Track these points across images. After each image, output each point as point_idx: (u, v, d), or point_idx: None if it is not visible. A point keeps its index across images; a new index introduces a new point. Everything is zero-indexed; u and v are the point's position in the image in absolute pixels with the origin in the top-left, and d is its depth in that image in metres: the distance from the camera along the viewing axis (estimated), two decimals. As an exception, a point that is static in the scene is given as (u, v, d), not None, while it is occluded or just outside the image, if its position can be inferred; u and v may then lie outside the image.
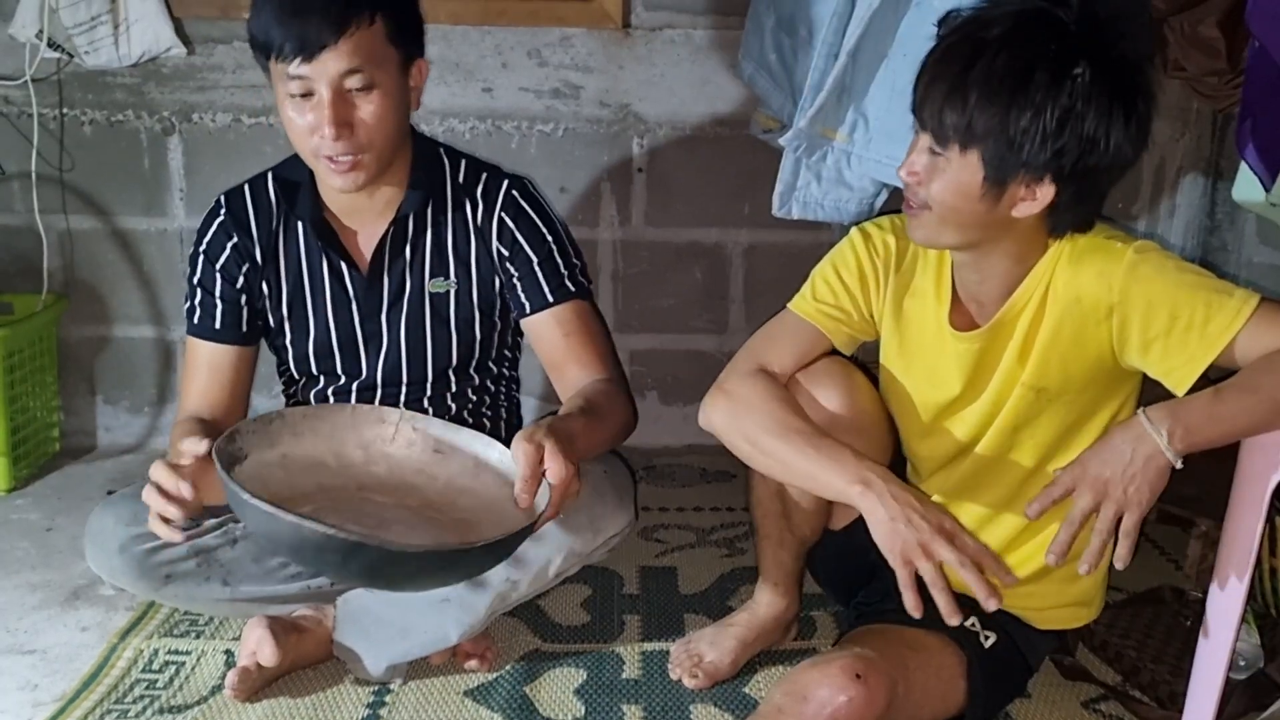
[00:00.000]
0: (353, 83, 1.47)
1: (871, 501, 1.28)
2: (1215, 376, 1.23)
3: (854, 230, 1.47)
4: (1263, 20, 1.54)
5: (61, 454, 2.44)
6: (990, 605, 1.25)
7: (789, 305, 1.50)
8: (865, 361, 1.53)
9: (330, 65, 1.45)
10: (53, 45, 2.20)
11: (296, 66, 1.45)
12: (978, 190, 1.24)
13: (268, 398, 2.34)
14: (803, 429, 1.37)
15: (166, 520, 1.35)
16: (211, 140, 2.36)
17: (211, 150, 2.36)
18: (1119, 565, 1.21)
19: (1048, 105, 1.19)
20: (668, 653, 1.66)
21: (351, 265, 1.66)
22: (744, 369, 1.46)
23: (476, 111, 2.38)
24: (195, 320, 1.68)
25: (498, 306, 1.71)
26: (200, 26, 2.30)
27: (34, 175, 2.29)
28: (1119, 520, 1.20)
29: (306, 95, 1.47)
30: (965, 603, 1.48)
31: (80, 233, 2.40)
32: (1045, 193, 1.24)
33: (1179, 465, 1.19)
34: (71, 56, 2.23)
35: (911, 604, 1.25)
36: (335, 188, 1.55)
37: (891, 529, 1.26)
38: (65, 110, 2.34)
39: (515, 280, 1.66)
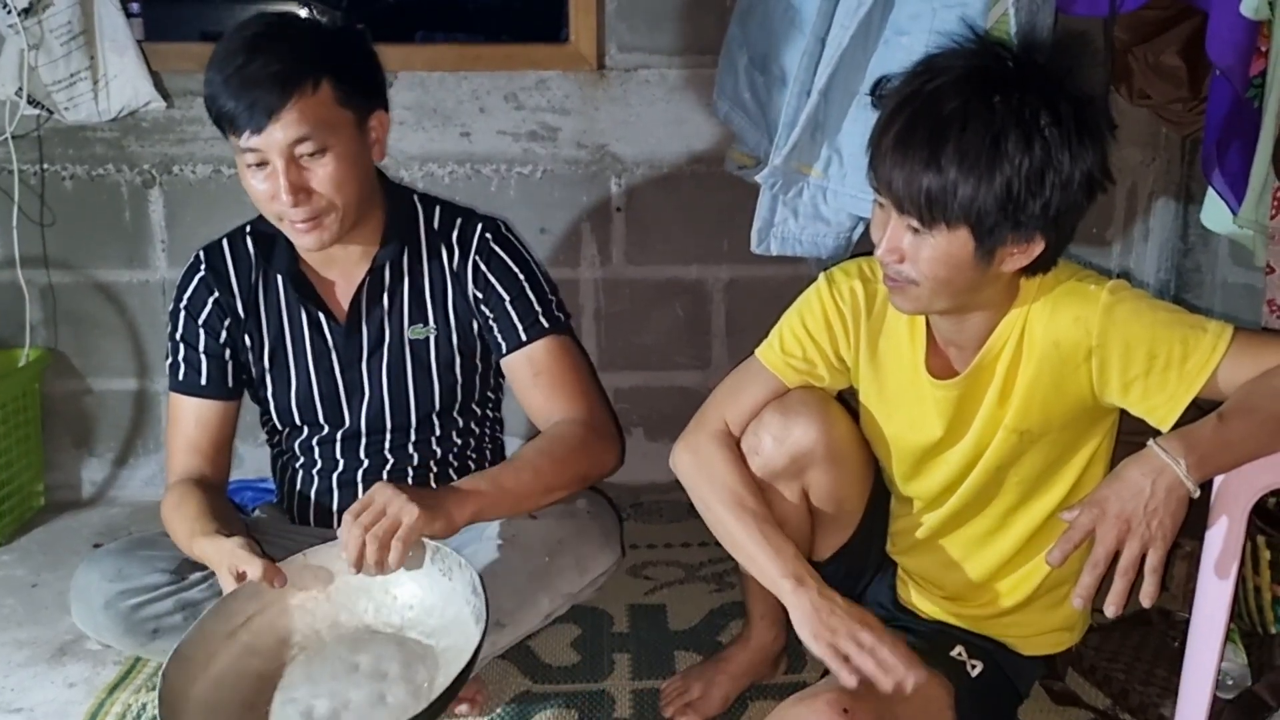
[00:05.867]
0: (304, 149, 1.48)
1: (801, 597, 1.33)
2: (1206, 407, 1.24)
3: (820, 277, 1.47)
4: (1221, 49, 1.58)
5: (46, 509, 2.43)
6: (908, 686, 1.25)
7: (757, 353, 1.50)
8: (843, 393, 1.54)
9: (278, 135, 1.46)
10: (32, 102, 2.22)
11: (247, 139, 1.47)
12: (970, 260, 1.23)
13: (253, 446, 2.34)
14: (756, 511, 1.41)
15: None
16: (192, 192, 2.37)
17: (192, 202, 2.38)
18: (1146, 603, 1.16)
19: (1025, 165, 1.18)
20: (659, 691, 1.66)
21: (329, 316, 1.67)
22: (711, 428, 1.49)
23: (455, 156, 2.40)
24: (180, 377, 1.68)
25: (478, 349, 1.72)
26: (178, 80, 2.31)
27: (15, 230, 2.30)
28: (1143, 558, 1.17)
29: (262, 165, 1.49)
30: (952, 632, 1.49)
31: (62, 286, 2.41)
32: (1035, 246, 1.24)
33: (1197, 495, 1.18)
34: (51, 113, 2.25)
35: (846, 677, 1.26)
36: (303, 247, 1.58)
37: (817, 620, 1.30)
38: (46, 166, 2.35)
39: (491, 321, 1.68)
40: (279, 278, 1.67)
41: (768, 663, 1.65)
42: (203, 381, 1.67)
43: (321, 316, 1.67)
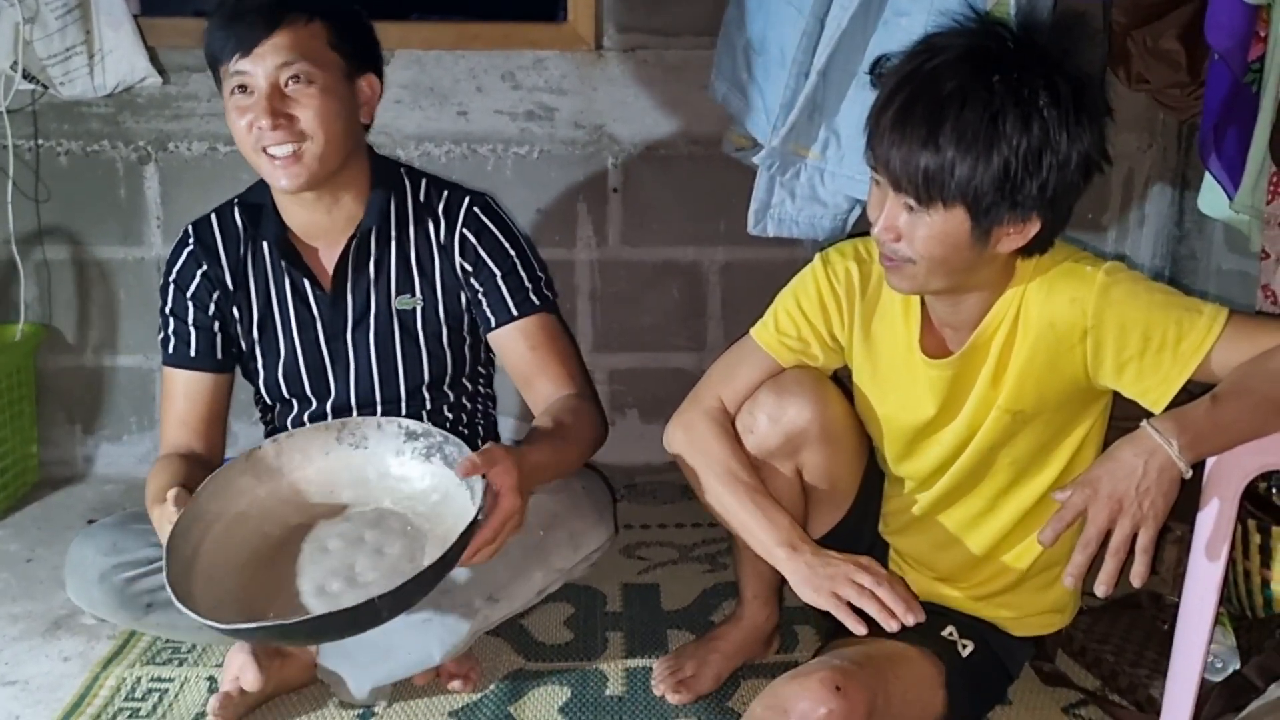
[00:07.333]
0: (289, 76, 1.51)
1: (796, 563, 1.35)
2: (1197, 390, 1.24)
3: (816, 257, 1.48)
4: (1220, 34, 1.58)
5: (41, 484, 2.43)
6: (908, 620, 1.29)
7: (752, 332, 1.51)
8: (838, 372, 1.55)
9: (267, 58, 1.50)
10: (28, 76, 2.20)
11: (236, 63, 1.51)
12: (966, 239, 1.24)
13: (248, 424, 2.34)
14: (749, 483, 1.43)
15: None
16: (187, 169, 2.37)
17: (187, 178, 2.37)
18: (1136, 583, 1.18)
19: (1023, 145, 1.18)
20: (651, 669, 1.66)
21: (315, 284, 1.67)
22: (705, 404, 1.50)
23: (452, 135, 2.39)
24: (170, 350, 1.68)
25: (465, 322, 1.72)
26: (174, 56, 2.30)
27: (10, 206, 2.29)
28: (1134, 537, 1.18)
29: (247, 91, 1.52)
30: (943, 612, 1.50)
31: (57, 262, 2.40)
32: (1031, 226, 1.25)
33: (1189, 475, 1.18)
34: (46, 88, 2.23)
35: (854, 625, 1.30)
36: (281, 188, 1.57)
37: (811, 574, 1.33)
38: (41, 141, 2.34)
39: (480, 295, 1.68)
40: (266, 248, 1.67)
41: (760, 642, 1.66)
42: (192, 354, 1.67)
43: (307, 284, 1.67)
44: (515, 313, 1.66)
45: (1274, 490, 1.68)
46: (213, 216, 1.70)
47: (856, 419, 1.52)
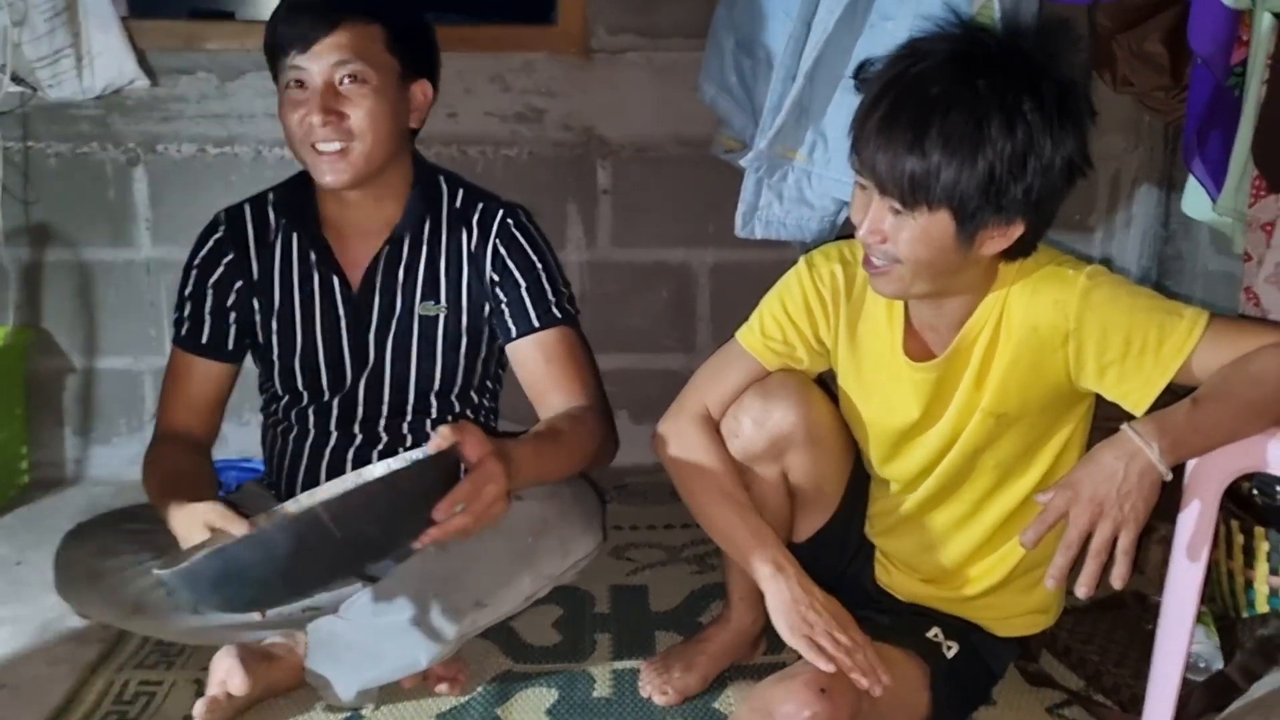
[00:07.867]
0: (344, 74, 1.54)
1: (780, 584, 1.37)
2: (1181, 392, 1.25)
3: (800, 261, 1.48)
4: (1202, 38, 1.59)
5: (31, 487, 2.43)
6: (875, 691, 1.31)
7: (737, 336, 1.52)
8: (823, 376, 1.55)
9: (324, 56, 1.53)
10: (16, 79, 2.20)
11: (294, 58, 1.54)
12: (951, 242, 1.24)
13: (237, 425, 2.35)
14: (735, 495, 1.45)
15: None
16: (176, 170, 2.37)
17: (176, 180, 2.37)
18: (1117, 585, 1.18)
19: (1007, 149, 1.19)
20: (638, 671, 1.67)
21: (344, 282, 1.69)
22: (692, 411, 1.51)
23: (441, 137, 2.39)
24: (183, 333, 1.71)
25: (485, 334, 1.73)
26: (163, 58, 2.30)
27: (-1, 207, 2.30)
28: (1114, 540, 1.18)
29: (302, 86, 1.55)
30: (928, 613, 1.51)
31: (46, 264, 2.40)
32: (1015, 229, 1.25)
33: (1169, 478, 1.19)
34: (35, 90, 2.23)
35: (824, 664, 1.31)
36: (325, 184, 1.59)
37: (795, 613, 1.35)
38: (30, 143, 2.33)
39: (503, 305, 1.69)
40: (296, 240, 1.69)
41: (747, 644, 1.67)
42: (204, 340, 1.70)
43: (336, 282, 1.69)
44: (536, 324, 1.68)
45: (1256, 490, 1.69)
46: (246, 206, 1.73)
47: (841, 422, 1.52)
